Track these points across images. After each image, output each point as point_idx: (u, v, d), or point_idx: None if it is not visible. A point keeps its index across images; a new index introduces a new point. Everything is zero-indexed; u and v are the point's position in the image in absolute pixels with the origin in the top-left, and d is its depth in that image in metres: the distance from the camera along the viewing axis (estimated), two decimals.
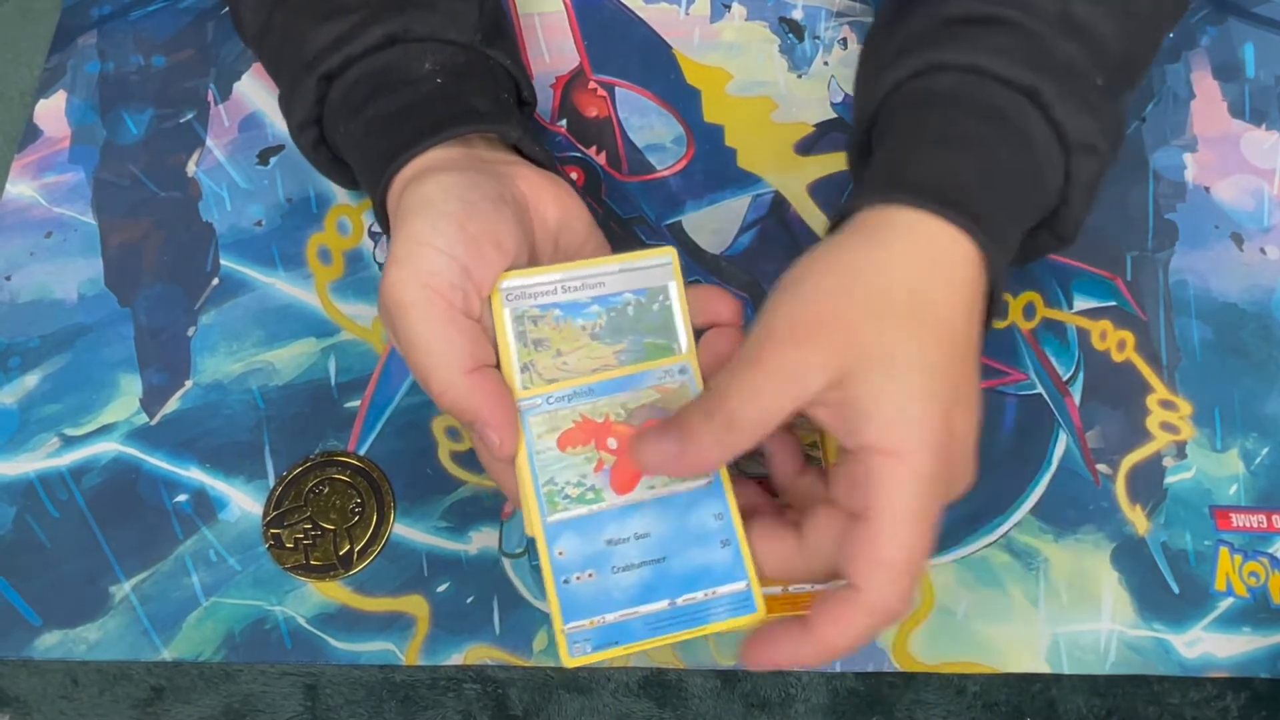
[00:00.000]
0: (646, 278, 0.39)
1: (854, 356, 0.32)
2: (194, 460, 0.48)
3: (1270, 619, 0.44)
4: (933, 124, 0.37)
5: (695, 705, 0.44)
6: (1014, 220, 0.37)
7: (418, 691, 0.45)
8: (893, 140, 0.38)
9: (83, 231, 0.52)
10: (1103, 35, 0.39)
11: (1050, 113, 0.37)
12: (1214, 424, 0.47)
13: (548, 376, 0.38)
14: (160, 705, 0.45)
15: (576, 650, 0.36)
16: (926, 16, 0.40)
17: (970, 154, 0.36)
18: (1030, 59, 0.37)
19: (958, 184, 0.35)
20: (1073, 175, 0.38)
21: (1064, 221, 0.39)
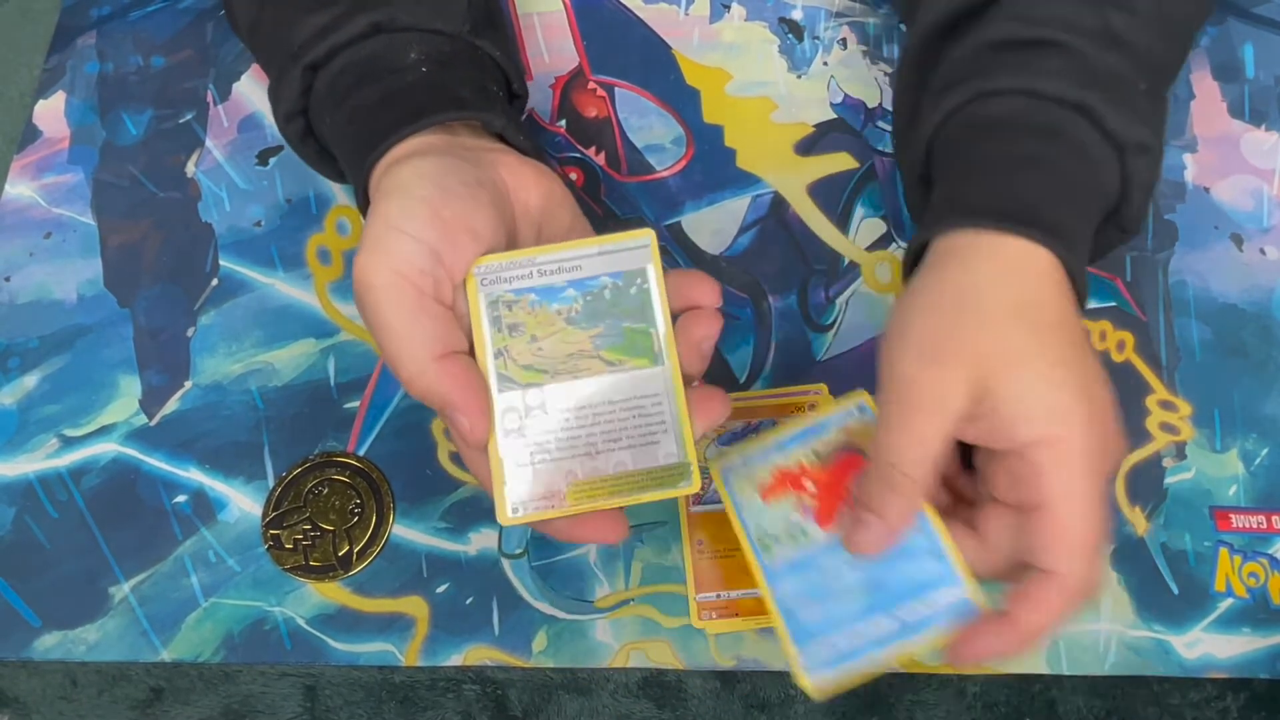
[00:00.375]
0: (623, 260, 0.38)
1: (985, 368, 0.34)
2: (193, 461, 0.48)
3: (1270, 619, 0.44)
4: (994, 148, 0.39)
5: (694, 706, 0.44)
6: (1083, 225, 0.39)
7: (417, 692, 0.45)
8: (959, 166, 0.40)
9: (82, 232, 0.52)
10: (1142, 45, 0.40)
11: (1103, 125, 0.39)
12: (1213, 425, 0.47)
13: (522, 362, 0.37)
14: (159, 706, 0.45)
15: (816, 677, 0.37)
16: (969, 45, 0.41)
17: (1035, 173, 0.38)
18: (1077, 77, 0.39)
19: (1029, 203, 0.37)
20: (1129, 175, 0.40)
21: (1126, 217, 0.41)
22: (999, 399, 0.34)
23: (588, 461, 0.37)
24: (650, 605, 0.45)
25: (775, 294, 0.50)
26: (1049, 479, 0.34)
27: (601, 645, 0.44)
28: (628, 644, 0.44)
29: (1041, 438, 0.34)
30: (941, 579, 0.37)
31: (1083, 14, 0.40)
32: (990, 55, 0.41)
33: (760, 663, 0.44)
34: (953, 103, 0.40)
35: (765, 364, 0.49)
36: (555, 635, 0.45)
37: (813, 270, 0.50)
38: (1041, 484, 0.34)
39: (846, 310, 0.50)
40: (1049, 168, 0.38)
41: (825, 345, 0.49)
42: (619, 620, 0.45)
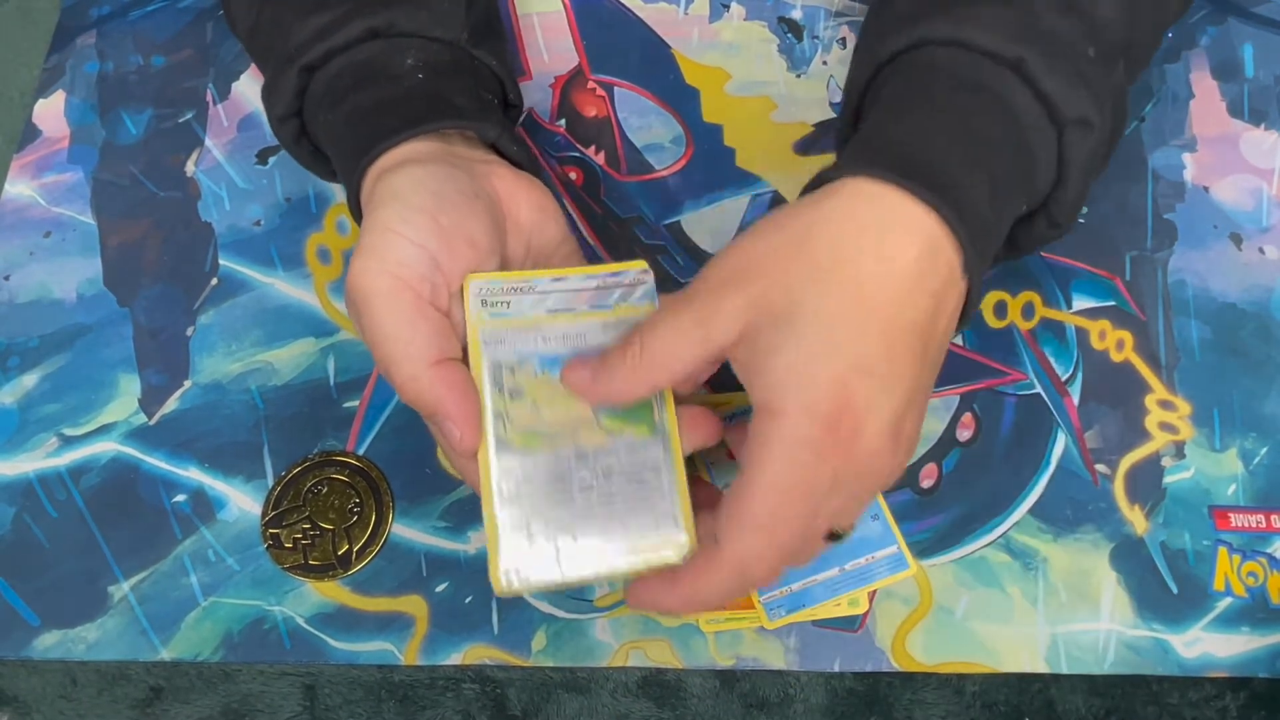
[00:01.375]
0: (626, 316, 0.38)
1: (763, 310, 0.32)
2: (193, 460, 0.48)
3: (1269, 619, 0.44)
4: (911, 98, 0.36)
5: (694, 705, 0.44)
6: (994, 197, 0.34)
7: (416, 691, 0.45)
8: (874, 115, 0.38)
9: (82, 231, 0.52)
10: (1101, 15, 0.37)
11: (1038, 86, 0.35)
12: (1213, 424, 0.47)
13: (522, 427, 0.36)
14: (159, 705, 0.45)
15: (774, 615, 0.44)
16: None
17: (943, 126, 0.35)
18: (1016, 32, 0.36)
19: (924, 157, 0.33)
20: (1066, 154, 0.37)
21: (1060, 204, 0.38)
22: (757, 347, 0.32)
23: (584, 529, 0.36)
24: None
25: None
26: (754, 449, 0.32)
27: (601, 644, 0.44)
28: (627, 643, 0.44)
29: (767, 404, 0.32)
30: (881, 540, 0.45)
31: None
32: (930, 4, 0.38)
33: (759, 662, 0.44)
34: (891, 48, 0.38)
35: None
36: (554, 634, 0.45)
37: None
38: (748, 451, 0.32)
39: None
40: (960, 123, 0.35)
41: None
42: (618, 619, 0.45)
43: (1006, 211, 0.36)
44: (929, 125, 0.35)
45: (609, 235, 0.51)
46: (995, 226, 0.35)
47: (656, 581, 0.35)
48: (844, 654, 0.44)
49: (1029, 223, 0.39)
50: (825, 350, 0.31)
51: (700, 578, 0.34)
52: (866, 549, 0.45)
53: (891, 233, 0.32)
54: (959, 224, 0.32)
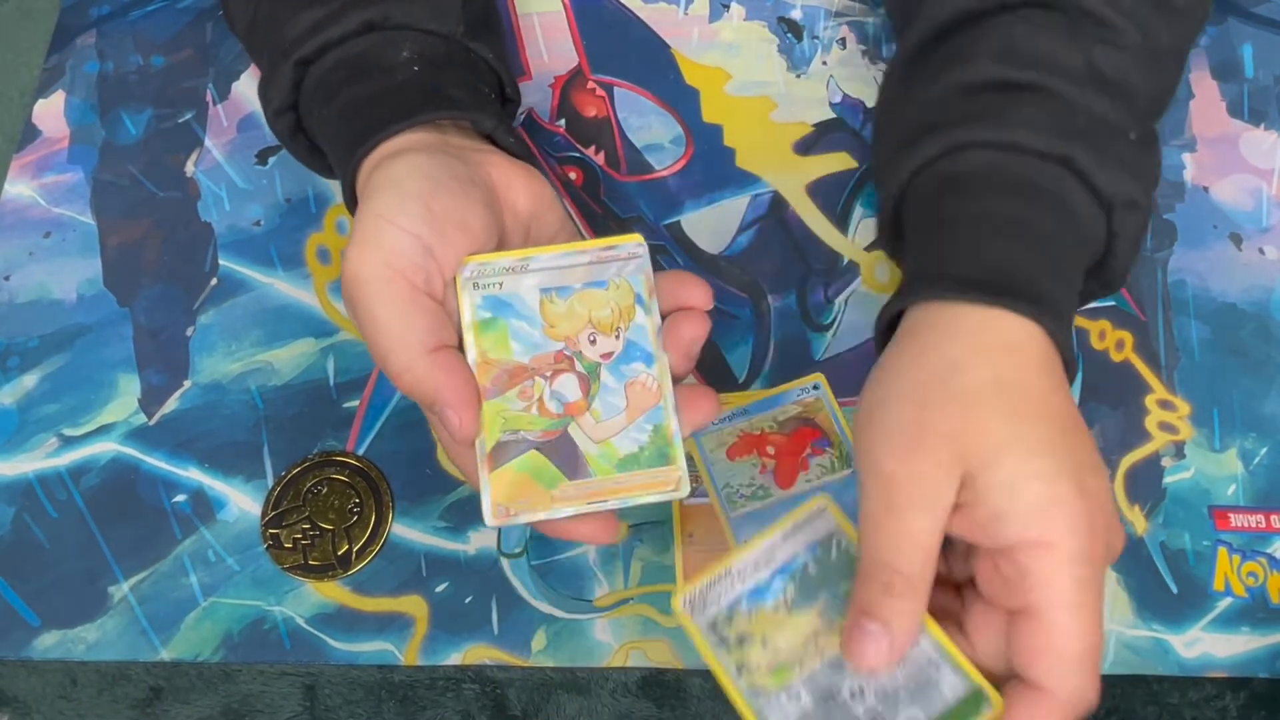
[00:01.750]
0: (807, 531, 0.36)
1: (970, 456, 0.32)
2: (193, 460, 0.48)
3: (1269, 619, 0.44)
4: (972, 207, 0.37)
5: (694, 706, 0.44)
6: (1068, 291, 0.36)
7: (416, 692, 0.45)
8: (930, 228, 0.38)
9: (81, 231, 0.52)
10: (1131, 84, 0.38)
11: (1088, 180, 0.36)
12: (1212, 424, 0.47)
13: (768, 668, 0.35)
14: (159, 705, 0.45)
15: None
16: (945, 84, 0.39)
17: (1017, 237, 0.35)
18: (1060, 126, 0.36)
19: (1011, 271, 0.34)
20: (1116, 231, 0.38)
21: (1109, 271, 0.39)
22: (983, 492, 0.31)
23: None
24: (649, 604, 0.45)
25: (774, 293, 0.50)
26: (1038, 585, 0.31)
27: (601, 644, 0.44)
28: (627, 643, 0.44)
29: (1029, 540, 0.31)
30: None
31: (1067, 52, 0.37)
32: (964, 98, 0.38)
33: None
34: (925, 155, 0.38)
35: (764, 363, 0.49)
36: (554, 634, 0.45)
37: (812, 270, 0.50)
38: (1030, 589, 0.31)
39: (846, 310, 0.50)
40: (1031, 230, 0.36)
41: (824, 345, 0.49)
42: (618, 619, 0.45)
43: (1075, 293, 0.37)
44: (1007, 241, 0.35)
45: (609, 235, 0.51)
46: (1072, 311, 0.37)
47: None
48: None
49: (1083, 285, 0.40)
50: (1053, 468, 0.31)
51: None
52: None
53: (1026, 350, 0.33)
54: (1056, 326, 0.34)
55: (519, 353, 0.37)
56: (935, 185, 0.38)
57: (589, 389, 0.37)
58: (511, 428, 0.37)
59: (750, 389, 0.48)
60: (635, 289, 0.38)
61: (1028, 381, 0.33)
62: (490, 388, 0.37)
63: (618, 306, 0.38)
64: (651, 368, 0.37)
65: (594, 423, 0.37)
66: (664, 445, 0.37)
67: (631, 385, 0.37)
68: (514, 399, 0.37)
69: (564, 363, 0.37)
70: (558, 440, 0.37)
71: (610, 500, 0.36)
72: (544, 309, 0.38)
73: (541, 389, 0.37)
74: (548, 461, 0.37)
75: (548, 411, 0.37)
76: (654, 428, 0.37)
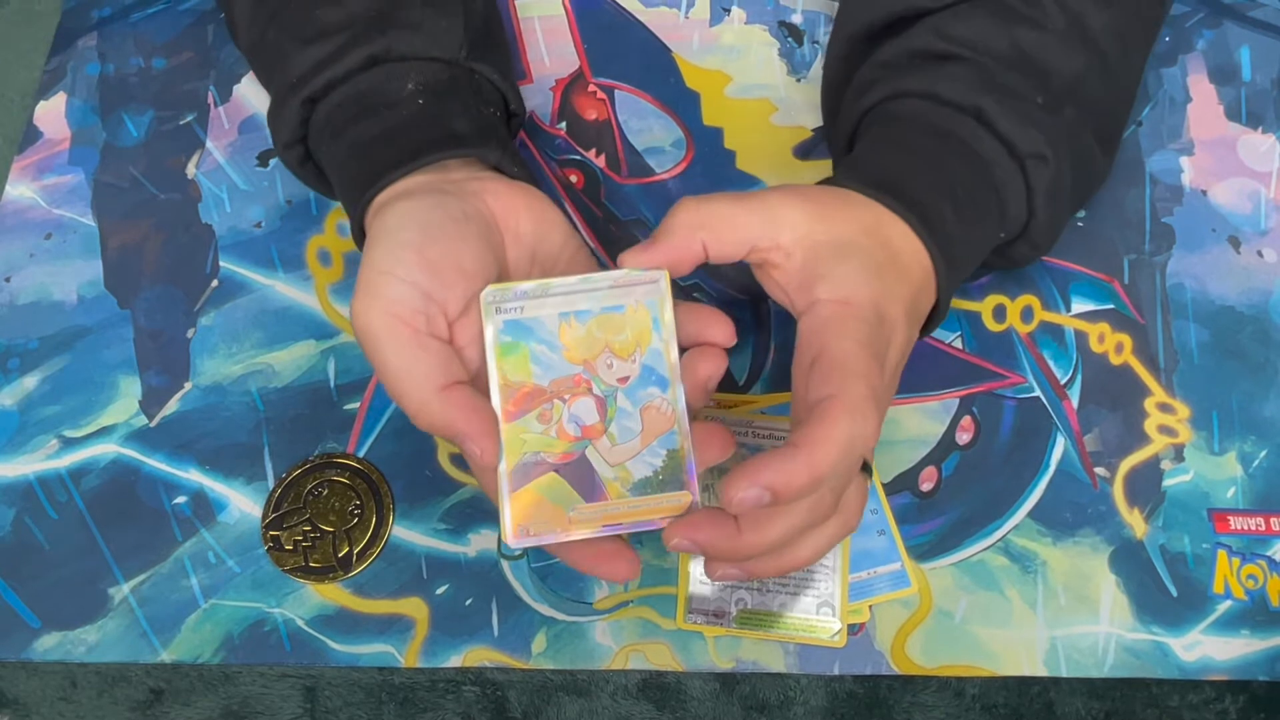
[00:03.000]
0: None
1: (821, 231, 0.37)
2: (193, 462, 0.48)
3: (1268, 621, 0.45)
4: (892, 138, 0.43)
5: (694, 708, 0.44)
6: (960, 219, 0.40)
7: (417, 694, 0.45)
8: (860, 148, 0.44)
9: (82, 233, 0.52)
10: (1049, 62, 0.43)
11: (994, 127, 0.42)
12: (1212, 427, 0.48)
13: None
14: (159, 707, 0.45)
15: None
16: (891, 50, 0.45)
17: (913, 162, 0.41)
18: (976, 86, 0.42)
19: (901, 181, 0.40)
20: (1031, 184, 0.42)
21: (1035, 230, 0.43)
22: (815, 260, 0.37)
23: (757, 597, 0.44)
24: (649, 607, 0.45)
25: None
26: (834, 330, 0.35)
27: (601, 647, 0.44)
28: (627, 646, 0.44)
29: (835, 297, 0.36)
30: (885, 555, 0.45)
31: (994, 34, 0.43)
32: (907, 61, 0.45)
33: (759, 665, 0.44)
34: (874, 98, 0.44)
35: (765, 366, 0.49)
36: (555, 637, 0.45)
37: None
38: (826, 333, 0.36)
39: None
40: (932, 159, 0.41)
41: None
42: (618, 622, 0.45)
43: (979, 234, 0.42)
44: (903, 160, 0.41)
45: (609, 238, 0.51)
46: (964, 245, 0.41)
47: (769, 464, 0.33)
48: (843, 657, 0.44)
49: (1012, 246, 0.45)
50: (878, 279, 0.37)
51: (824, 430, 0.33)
52: (870, 563, 0.45)
53: (895, 238, 0.39)
54: (925, 232, 0.39)
55: (539, 376, 0.38)
56: (874, 121, 0.45)
57: (606, 412, 0.38)
58: (531, 450, 0.37)
59: (750, 392, 0.48)
60: (652, 313, 0.38)
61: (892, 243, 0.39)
62: (512, 410, 0.38)
63: (635, 332, 0.38)
64: (666, 392, 0.38)
65: (610, 446, 0.38)
66: (677, 469, 0.37)
67: (646, 410, 0.38)
68: (534, 421, 0.38)
69: (582, 386, 0.38)
70: (575, 463, 0.37)
71: (625, 523, 0.37)
72: (563, 333, 0.38)
73: (560, 412, 0.38)
74: (565, 484, 0.37)
75: (566, 434, 0.38)
76: (668, 452, 0.37)
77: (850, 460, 0.34)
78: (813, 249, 0.37)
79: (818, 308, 0.36)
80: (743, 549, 0.35)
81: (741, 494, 0.33)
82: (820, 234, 0.38)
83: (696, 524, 0.36)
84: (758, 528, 0.35)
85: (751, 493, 0.33)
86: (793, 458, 0.33)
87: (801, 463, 0.33)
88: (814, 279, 0.37)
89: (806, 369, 0.36)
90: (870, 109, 0.45)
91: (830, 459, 0.33)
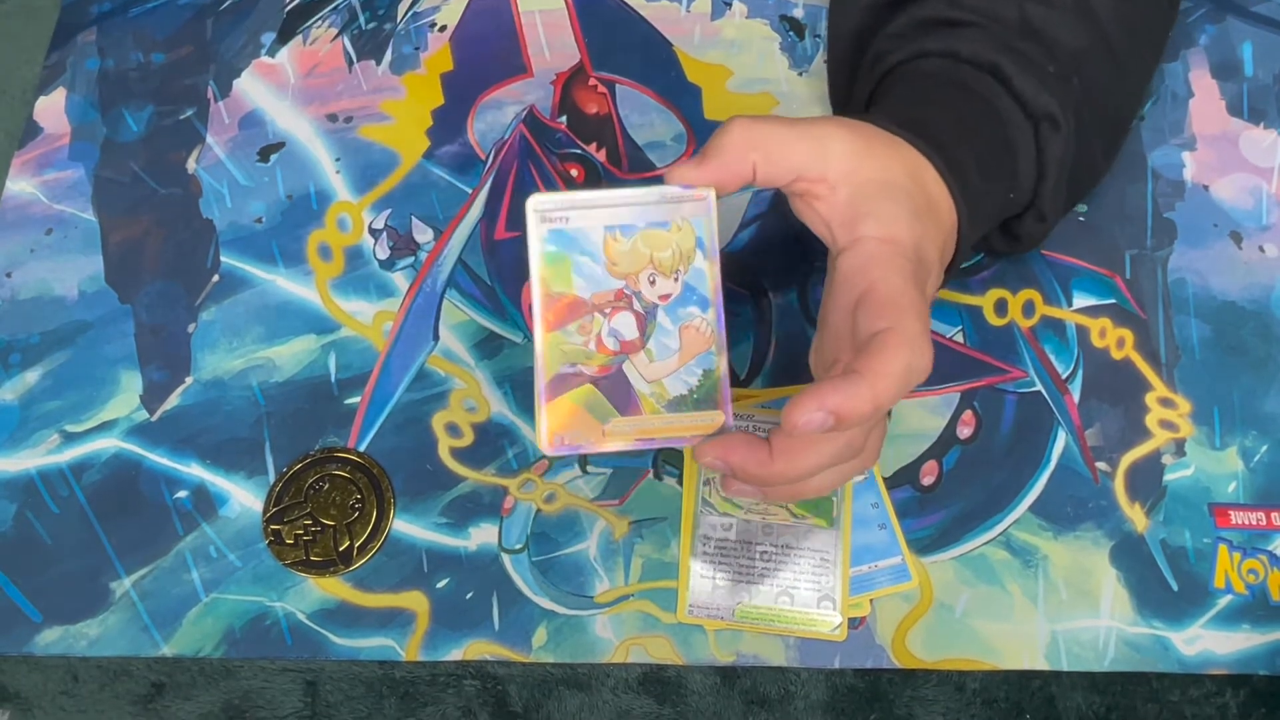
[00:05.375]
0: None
1: (869, 168, 0.37)
2: (194, 456, 0.48)
3: (1269, 616, 0.45)
4: (917, 90, 0.44)
5: (695, 702, 0.44)
6: (981, 170, 0.41)
7: (417, 687, 0.45)
8: (887, 102, 0.44)
9: (83, 228, 0.52)
10: (1056, 36, 0.44)
11: (1010, 86, 0.42)
12: (1213, 422, 0.47)
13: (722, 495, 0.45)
14: (160, 701, 0.45)
15: None
16: (905, 20, 0.46)
17: (943, 112, 0.42)
18: (993, 46, 0.43)
19: (931, 129, 0.40)
20: (1042, 147, 0.43)
21: (1043, 198, 0.43)
22: (867, 192, 0.37)
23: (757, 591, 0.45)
24: (650, 600, 0.45)
25: (776, 290, 0.50)
26: (881, 265, 0.36)
27: (601, 641, 0.45)
28: (628, 639, 0.45)
29: (880, 235, 0.37)
30: (886, 549, 0.45)
31: (1004, 4, 0.44)
32: (920, 29, 0.45)
33: (760, 658, 0.44)
34: (889, 63, 0.45)
35: (766, 360, 0.49)
36: (555, 630, 0.45)
37: (814, 267, 0.50)
38: (873, 269, 0.36)
39: None
40: (955, 113, 0.42)
41: None
42: (619, 615, 0.45)
43: (994, 190, 0.42)
44: (930, 111, 0.42)
45: None
46: (983, 199, 0.41)
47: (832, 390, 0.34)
48: (844, 651, 0.44)
49: (1020, 219, 0.45)
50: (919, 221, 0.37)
51: (886, 360, 0.34)
52: (870, 557, 0.45)
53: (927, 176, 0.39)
54: (953, 181, 0.39)
55: (581, 288, 0.38)
56: (897, 80, 0.45)
57: (645, 329, 0.38)
58: (569, 360, 0.38)
59: (751, 386, 0.48)
60: (697, 232, 0.38)
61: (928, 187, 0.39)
62: (552, 320, 0.38)
63: (679, 249, 0.38)
64: (706, 312, 0.38)
65: (648, 362, 0.38)
66: (712, 389, 0.38)
67: (686, 328, 0.38)
68: (574, 333, 0.38)
69: (623, 301, 0.38)
70: (613, 376, 0.38)
71: (657, 438, 0.38)
72: (607, 246, 0.38)
73: (600, 325, 0.38)
74: (602, 396, 0.38)
75: (605, 348, 0.38)
76: (704, 372, 0.38)
77: (905, 392, 0.35)
78: (859, 186, 0.37)
79: (862, 244, 0.37)
80: (772, 475, 0.37)
81: (807, 416, 0.34)
82: (866, 171, 0.38)
83: (731, 445, 0.37)
84: (790, 456, 0.36)
85: (817, 416, 0.34)
86: (856, 384, 0.34)
87: (865, 390, 0.34)
88: (859, 215, 0.37)
89: (850, 304, 0.36)
90: (888, 72, 0.45)
91: (892, 389, 0.34)
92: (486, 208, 0.52)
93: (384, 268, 0.51)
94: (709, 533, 0.46)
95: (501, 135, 0.53)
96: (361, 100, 0.54)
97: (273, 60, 0.56)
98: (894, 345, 0.34)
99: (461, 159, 0.53)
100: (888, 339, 0.34)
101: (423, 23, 0.56)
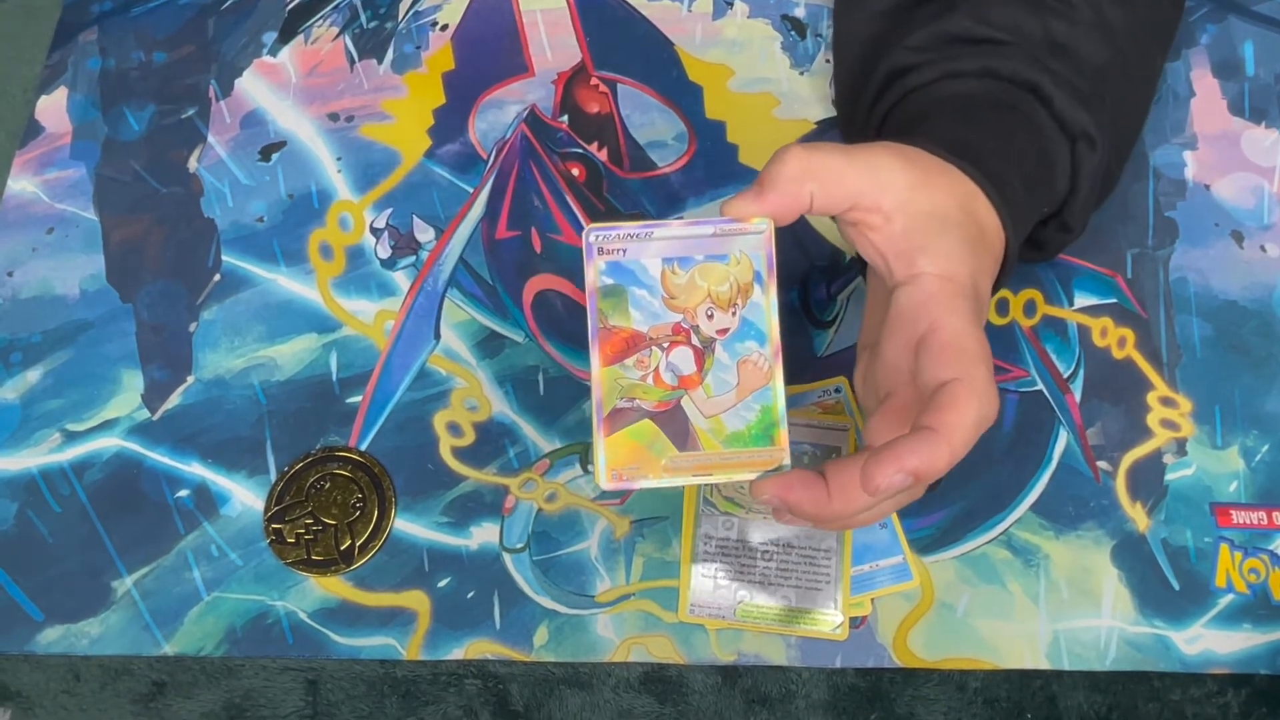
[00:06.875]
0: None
1: (922, 198, 0.37)
2: (196, 455, 0.48)
3: (1270, 615, 0.45)
4: (960, 112, 0.43)
5: (696, 701, 0.44)
6: (1026, 191, 0.40)
7: (419, 686, 0.45)
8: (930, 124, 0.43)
9: (84, 227, 0.52)
10: (1080, 51, 0.44)
11: (1051, 106, 0.42)
12: (1214, 421, 0.47)
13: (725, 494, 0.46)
14: (161, 700, 0.45)
15: None
16: (929, 33, 0.45)
17: (989, 134, 0.41)
18: (1029, 65, 0.43)
19: (980, 154, 0.40)
20: (1078, 164, 0.43)
21: (1072, 210, 0.44)
22: (919, 225, 0.37)
23: (759, 591, 0.45)
24: (651, 600, 0.45)
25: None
26: (943, 306, 0.36)
27: (603, 640, 0.45)
28: (629, 639, 0.45)
29: (939, 272, 0.36)
30: (887, 549, 0.45)
31: (1029, 21, 0.44)
32: (947, 45, 0.45)
33: (761, 658, 0.44)
34: (918, 80, 0.44)
35: None
36: (556, 630, 0.45)
37: (814, 266, 0.50)
38: (935, 309, 0.36)
39: (848, 307, 0.50)
40: (1001, 135, 0.41)
41: (826, 341, 0.49)
42: (620, 615, 0.45)
43: (1035, 206, 0.42)
44: (976, 134, 0.41)
45: None
46: (1027, 220, 0.41)
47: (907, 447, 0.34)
48: (845, 650, 0.44)
49: (1043, 227, 0.45)
50: (974, 255, 0.37)
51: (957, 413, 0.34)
52: (872, 556, 0.45)
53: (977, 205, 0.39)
54: (1002, 206, 0.39)
55: (639, 321, 0.38)
56: (926, 104, 0.44)
57: (704, 364, 0.38)
58: (627, 395, 0.38)
59: None
60: (755, 266, 0.38)
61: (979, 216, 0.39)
62: (610, 354, 0.38)
63: (737, 282, 0.38)
64: (764, 347, 0.38)
65: (706, 398, 0.38)
66: (770, 425, 0.38)
67: (744, 363, 0.38)
68: (631, 367, 0.38)
69: (681, 335, 0.38)
70: (671, 412, 0.38)
71: (715, 475, 0.38)
72: (665, 279, 0.38)
73: (658, 359, 0.38)
74: (660, 432, 0.38)
75: (663, 382, 0.38)
76: (761, 407, 0.38)
77: (975, 441, 0.35)
78: (914, 217, 0.37)
79: (922, 281, 0.37)
80: (827, 514, 0.37)
81: (889, 480, 0.34)
82: (921, 202, 0.37)
83: (791, 484, 0.37)
84: (847, 496, 0.36)
85: (898, 478, 0.34)
86: (934, 443, 0.34)
87: (944, 449, 0.34)
88: (916, 250, 0.37)
89: (910, 341, 0.36)
90: (914, 90, 0.45)
91: (965, 443, 0.34)
92: (488, 207, 0.52)
93: (385, 267, 0.51)
94: (710, 532, 0.45)
95: (503, 134, 0.53)
96: (363, 99, 0.54)
97: (274, 59, 0.56)
98: (965, 397, 0.34)
99: (463, 158, 0.53)
100: (958, 391, 0.34)
101: (424, 22, 0.56)
